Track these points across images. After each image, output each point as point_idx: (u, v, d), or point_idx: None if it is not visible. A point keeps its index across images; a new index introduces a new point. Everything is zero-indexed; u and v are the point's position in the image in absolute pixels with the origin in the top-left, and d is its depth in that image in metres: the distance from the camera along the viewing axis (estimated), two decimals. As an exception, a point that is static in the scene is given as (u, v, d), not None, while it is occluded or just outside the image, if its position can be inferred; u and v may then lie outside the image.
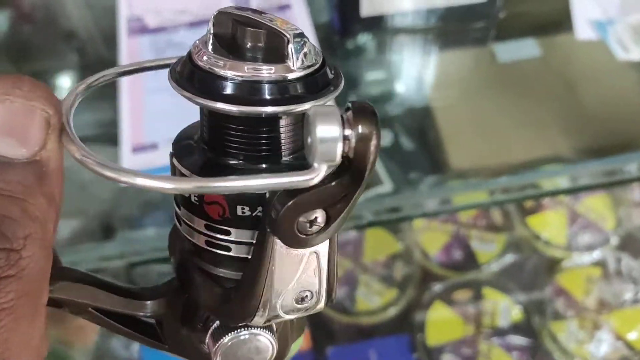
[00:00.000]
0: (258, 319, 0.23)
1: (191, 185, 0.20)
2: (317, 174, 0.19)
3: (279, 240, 0.21)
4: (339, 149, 0.19)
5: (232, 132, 0.21)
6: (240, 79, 0.20)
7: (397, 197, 0.61)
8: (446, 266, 0.77)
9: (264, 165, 0.22)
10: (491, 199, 0.67)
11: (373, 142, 0.19)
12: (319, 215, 0.20)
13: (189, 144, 0.23)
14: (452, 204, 0.69)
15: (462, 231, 0.81)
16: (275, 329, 0.24)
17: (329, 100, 0.21)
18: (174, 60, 0.23)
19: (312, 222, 0.20)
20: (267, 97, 0.20)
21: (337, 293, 0.24)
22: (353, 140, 0.19)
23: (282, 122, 0.21)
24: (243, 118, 0.21)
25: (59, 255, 0.25)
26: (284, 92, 0.20)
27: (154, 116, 0.59)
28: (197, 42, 0.22)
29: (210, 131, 0.22)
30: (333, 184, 0.20)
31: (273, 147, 0.22)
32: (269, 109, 0.20)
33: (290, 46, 0.20)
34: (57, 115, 0.20)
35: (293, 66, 0.21)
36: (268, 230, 0.21)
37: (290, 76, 0.21)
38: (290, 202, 0.20)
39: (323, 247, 0.22)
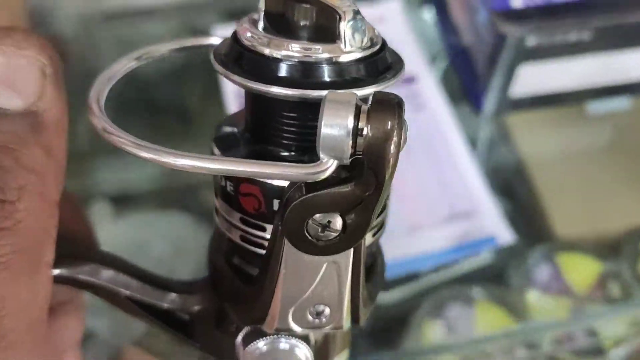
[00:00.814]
0: (269, 325, 0.21)
1: (164, 159, 0.17)
2: (323, 169, 0.17)
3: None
4: (347, 144, 0.17)
5: (282, 120, 0.19)
6: (295, 60, 0.18)
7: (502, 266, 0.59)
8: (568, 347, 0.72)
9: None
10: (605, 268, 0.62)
11: (393, 141, 0.17)
12: (333, 220, 0.18)
13: (233, 134, 0.21)
14: (564, 275, 0.65)
15: (579, 307, 0.76)
16: (313, 341, 0.22)
17: (391, 85, 0.19)
18: (218, 41, 0.21)
19: (325, 227, 0.18)
20: (326, 79, 0.18)
21: (367, 317, 0.22)
22: (367, 136, 0.17)
23: None
24: (296, 103, 0.19)
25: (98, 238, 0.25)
26: (343, 74, 0.19)
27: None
28: (244, 21, 0.20)
29: (257, 119, 0.20)
30: (346, 186, 0.18)
31: None
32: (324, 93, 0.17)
33: (342, 25, 0.18)
34: (54, 65, 0.19)
35: (351, 46, 0.19)
36: (280, 227, 0.19)
37: (350, 57, 0.19)
38: (299, 199, 0.18)
39: (344, 259, 0.19)
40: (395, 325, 0.60)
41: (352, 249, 0.19)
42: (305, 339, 0.22)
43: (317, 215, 0.18)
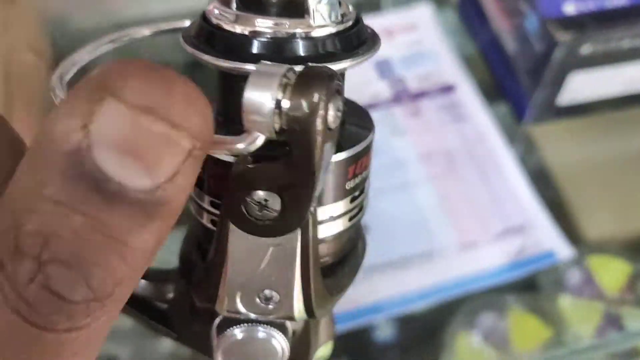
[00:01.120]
0: (219, 306, 0.20)
1: None
2: (248, 142, 0.16)
3: None
4: (270, 116, 0.15)
5: None
6: (265, 36, 0.18)
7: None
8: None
9: None
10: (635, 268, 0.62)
11: (319, 115, 0.15)
12: (272, 199, 0.17)
13: None
14: (595, 278, 0.64)
15: (612, 309, 0.75)
16: (291, 332, 0.21)
17: (365, 60, 0.19)
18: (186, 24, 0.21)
19: (263, 206, 0.17)
20: (297, 54, 0.18)
21: (323, 314, 0.21)
22: (291, 109, 0.15)
23: None
24: None
25: None
26: (317, 49, 0.18)
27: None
28: (213, 0, 0.19)
29: (224, 98, 0.20)
30: (276, 163, 0.17)
31: None
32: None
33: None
34: (206, 144, 0.14)
35: (322, 21, 0.18)
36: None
37: (321, 32, 0.18)
38: (233, 174, 0.17)
39: (290, 244, 0.18)
40: (428, 336, 0.58)
41: (299, 234, 0.18)
42: (282, 328, 0.21)
43: (256, 195, 0.17)
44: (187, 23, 0.22)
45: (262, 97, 0.15)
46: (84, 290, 0.13)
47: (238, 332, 0.21)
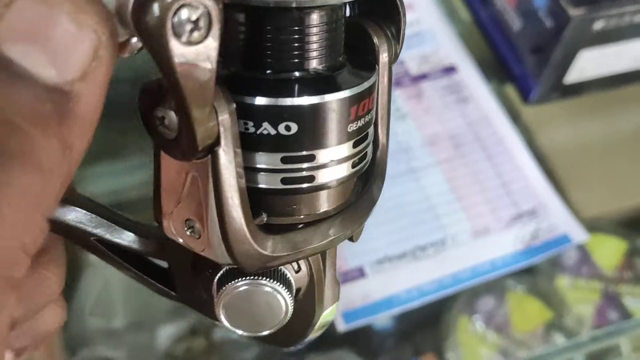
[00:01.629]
0: (162, 228, 0.20)
1: None
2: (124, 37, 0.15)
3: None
4: (123, 15, 0.15)
5: (264, 36, 0.18)
6: None
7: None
8: (606, 332, 0.71)
9: (295, 74, 0.18)
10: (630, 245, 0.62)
11: (166, 29, 0.14)
12: (168, 115, 0.16)
13: None
14: (593, 259, 0.64)
15: (611, 288, 0.75)
16: (295, 289, 0.21)
17: None
18: None
19: (162, 122, 0.17)
20: None
21: (251, 265, 0.19)
22: (132, 17, 0.15)
23: (312, 20, 0.18)
24: (272, 14, 0.17)
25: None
26: None
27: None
28: None
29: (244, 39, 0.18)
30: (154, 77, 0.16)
31: (302, 52, 0.18)
32: None
33: None
34: (111, 44, 0.15)
35: None
36: None
37: None
38: (140, 88, 0.17)
39: (202, 173, 0.18)
40: (428, 323, 0.56)
41: (209, 165, 0.17)
42: (286, 283, 0.20)
43: (159, 111, 0.17)
44: None
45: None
46: None
47: (240, 285, 0.20)
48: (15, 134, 0.13)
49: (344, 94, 0.18)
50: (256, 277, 0.20)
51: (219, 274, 0.21)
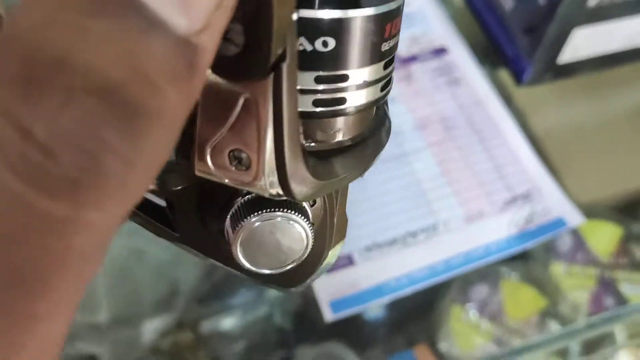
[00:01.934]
0: (193, 164, 0.18)
1: None
2: None
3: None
4: None
5: None
6: None
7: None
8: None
9: None
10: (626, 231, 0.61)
11: None
12: (233, 27, 0.15)
13: None
14: (588, 245, 0.63)
15: (606, 274, 0.74)
16: (312, 221, 0.20)
17: None
18: None
19: (226, 36, 0.15)
20: None
21: (302, 193, 0.18)
22: None
23: None
24: None
25: None
26: None
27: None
28: None
29: None
30: None
31: None
32: None
33: None
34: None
35: None
36: None
37: None
38: None
39: (262, 96, 0.16)
40: (420, 312, 0.55)
41: (270, 85, 0.16)
42: (303, 212, 0.19)
43: None
44: None
45: None
46: (128, 141, 0.11)
47: (256, 220, 0.19)
48: (153, 91, 0.12)
49: (386, 7, 0.17)
50: (276, 210, 0.19)
51: (232, 210, 0.19)
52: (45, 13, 0.11)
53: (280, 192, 0.17)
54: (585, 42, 0.51)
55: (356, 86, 0.18)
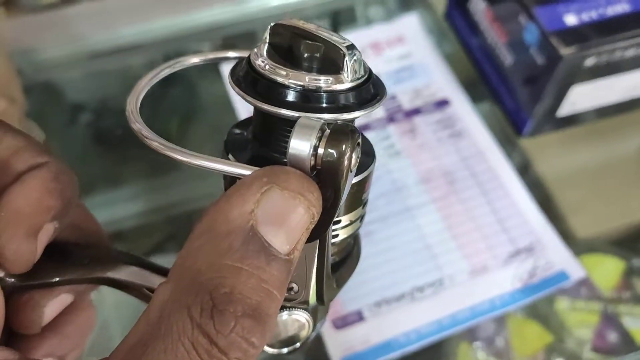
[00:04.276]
0: None
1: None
2: None
3: None
4: (308, 159, 0.20)
5: (283, 133, 0.23)
6: (300, 88, 0.22)
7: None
8: (605, 352, 0.71)
9: None
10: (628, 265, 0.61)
11: (343, 163, 0.20)
12: None
13: (242, 138, 0.26)
14: (592, 279, 0.63)
15: (609, 309, 0.75)
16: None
17: (375, 109, 0.23)
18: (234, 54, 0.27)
19: None
20: (324, 105, 0.22)
21: (330, 301, 0.27)
22: (325, 154, 0.20)
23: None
24: (295, 121, 0.22)
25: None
26: (338, 101, 0.22)
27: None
28: (255, 49, 0.23)
29: (263, 130, 0.24)
30: None
31: None
32: (327, 116, 0.22)
33: (346, 59, 0.22)
34: (318, 214, 0.20)
35: (347, 78, 0.22)
36: None
37: (344, 87, 0.22)
38: None
39: (311, 250, 0.24)
40: (429, 350, 0.56)
41: (317, 244, 0.24)
42: (306, 308, 0.27)
43: None
44: (230, 54, 0.28)
45: (303, 145, 0.20)
46: (262, 338, 0.18)
47: (282, 315, 0.27)
48: (272, 301, 0.19)
49: (367, 172, 0.25)
50: (285, 310, 0.27)
51: None
52: (216, 258, 0.18)
53: (315, 302, 0.26)
54: (584, 97, 0.52)
55: (344, 226, 0.26)
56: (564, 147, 0.61)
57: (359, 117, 0.23)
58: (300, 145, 0.20)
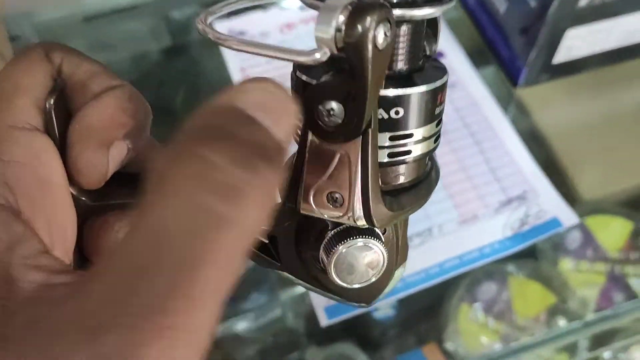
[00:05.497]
0: (299, 205, 0.24)
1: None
2: (313, 54, 0.20)
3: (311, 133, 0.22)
4: (331, 37, 0.19)
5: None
6: None
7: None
8: (610, 314, 0.69)
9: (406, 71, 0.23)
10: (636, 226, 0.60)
11: (368, 38, 0.19)
12: (336, 108, 0.21)
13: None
14: (597, 240, 0.62)
15: (616, 269, 0.73)
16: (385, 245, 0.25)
17: (445, 9, 0.22)
18: None
19: (330, 113, 0.21)
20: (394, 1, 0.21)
21: (380, 222, 0.23)
22: (347, 32, 0.19)
23: (400, 31, 0.22)
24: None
25: None
26: None
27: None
28: None
29: None
30: (338, 77, 0.21)
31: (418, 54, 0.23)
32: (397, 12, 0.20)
33: None
34: (295, 126, 0.21)
35: None
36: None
37: None
38: (308, 89, 0.22)
39: (353, 152, 0.22)
40: (429, 312, 0.55)
41: (359, 144, 0.22)
42: (379, 238, 0.24)
43: (326, 105, 0.21)
44: None
45: (327, 21, 0.19)
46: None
47: (343, 247, 0.24)
48: (278, 148, 0.19)
49: (439, 82, 0.23)
50: (358, 237, 0.24)
51: (324, 241, 0.24)
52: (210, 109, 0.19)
53: (364, 222, 0.23)
54: (579, 42, 0.50)
55: (417, 141, 0.23)
56: (565, 99, 0.60)
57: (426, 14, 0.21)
58: (323, 27, 0.20)
